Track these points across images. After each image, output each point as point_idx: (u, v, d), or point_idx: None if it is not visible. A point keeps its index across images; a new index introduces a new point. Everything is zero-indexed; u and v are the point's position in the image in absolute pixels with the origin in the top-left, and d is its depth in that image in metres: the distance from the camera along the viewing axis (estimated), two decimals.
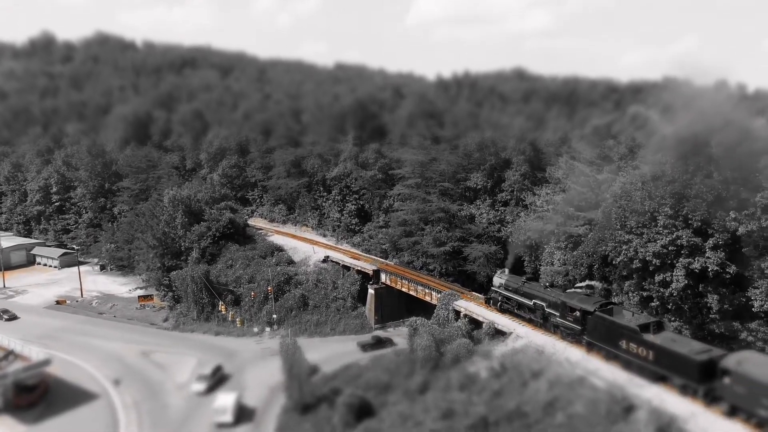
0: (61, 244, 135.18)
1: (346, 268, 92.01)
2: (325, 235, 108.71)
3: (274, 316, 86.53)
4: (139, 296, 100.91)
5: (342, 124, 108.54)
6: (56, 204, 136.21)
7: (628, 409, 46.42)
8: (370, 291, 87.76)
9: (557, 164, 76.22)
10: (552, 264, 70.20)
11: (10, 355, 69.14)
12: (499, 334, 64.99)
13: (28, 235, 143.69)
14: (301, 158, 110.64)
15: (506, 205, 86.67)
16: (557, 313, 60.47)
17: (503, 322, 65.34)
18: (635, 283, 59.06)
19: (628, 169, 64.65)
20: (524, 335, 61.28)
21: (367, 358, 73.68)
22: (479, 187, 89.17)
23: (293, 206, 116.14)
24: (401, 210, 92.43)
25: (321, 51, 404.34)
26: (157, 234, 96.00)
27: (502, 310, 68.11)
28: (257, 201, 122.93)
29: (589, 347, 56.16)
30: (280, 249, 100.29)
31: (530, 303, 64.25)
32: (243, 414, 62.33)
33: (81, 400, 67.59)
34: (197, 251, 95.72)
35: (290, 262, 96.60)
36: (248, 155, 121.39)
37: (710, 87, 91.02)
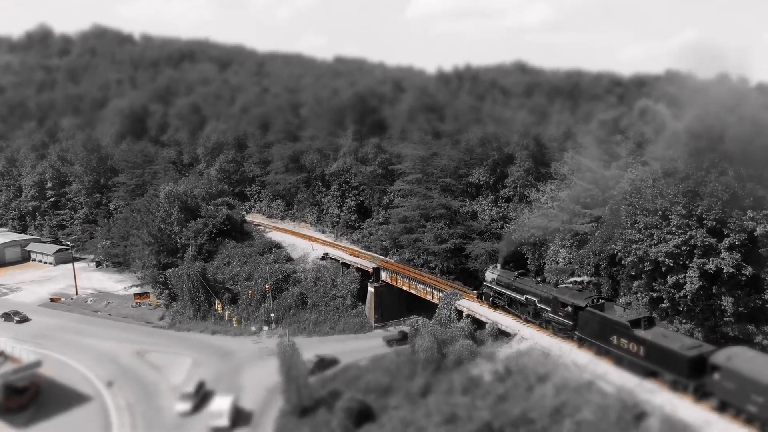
0: (57, 240, 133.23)
1: (346, 266, 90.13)
2: (324, 232, 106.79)
3: (272, 315, 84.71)
4: (135, 294, 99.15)
5: (341, 119, 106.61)
6: (51, 199, 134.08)
7: (640, 416, 44.60)
8: (370, 289, 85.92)
9: (562, 160, 74.15)
10: (557, 262, 68.30)
11: None
12: (502, 335, 63.17)
13: (24, 231, 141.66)
14: (299, 153, 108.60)
15: (509, 201, 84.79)
16: (549, 309, 60.16)
17: (507, 322, 63.48)
18: (644, 283, 57.08)
19: (637, 165, 62.61)
20: (529, 337, 59.37)
21: (368, 358, 71.89)
22: (481, 183, 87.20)
23: (292, 202, 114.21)
24: (402, 206, 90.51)
25: (320, 44, 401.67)
26: (153, 230, 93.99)
27: (494, 306, 67.75)
28: (255, 196, 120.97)
29: (581, 342, 55.98)
30: (278, 246, 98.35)
31: (522, 298, 63.90)
32: (239, 417, 60.69)
33: (73, 403, 65.86)
34: (194, 248, 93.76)
35: (288, 260, 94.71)
36: (246, 150, 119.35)
37: (713, 80, 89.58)
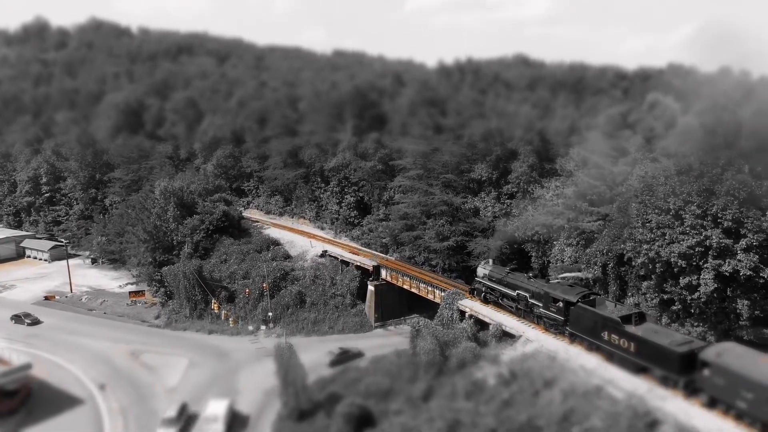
0: (52, 237, 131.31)
1: (345, 264, 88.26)
2: (323, 228, 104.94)
3: (270, 314, 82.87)
4: (131, 292, 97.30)
5: (340, 113, 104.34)
6: (46, 195, 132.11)
7: (652, 424, 42.73)
8: (370, 288, 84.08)
9: (568, 155, 72.05)
10: (562, 261, 66.36)
11: None
12: (506, 337, 61.31)
13: (19, 227, 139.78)
14: (298, 148, 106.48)
15: (512, 197, 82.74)
16: (540, 304, 60.00)
17: (512, 324, 61.59)
18: (654, 284, 55.08)
19: (646, 161, 60.51)
20: (534, 339, 57.47)
21: (367, 360, 70.06)
22: (484, 179, 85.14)
23: (290, 198, 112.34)
24: (402, 203, 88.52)
25: (319, 38, 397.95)
26: (148, 227, 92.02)
27: (486, 301, 67.43)
28: (253, 192, 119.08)
29: (572, 338, 55.95)
30: (276, 243, 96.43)
31: (514, 294, 63.59)
32: (236, 421, 58.83)
33: (65, 406, 64.00)
34: (190, 245, 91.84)
35: (287, 257, 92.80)
36: (243, 145, 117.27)
37: (716, 73, 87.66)
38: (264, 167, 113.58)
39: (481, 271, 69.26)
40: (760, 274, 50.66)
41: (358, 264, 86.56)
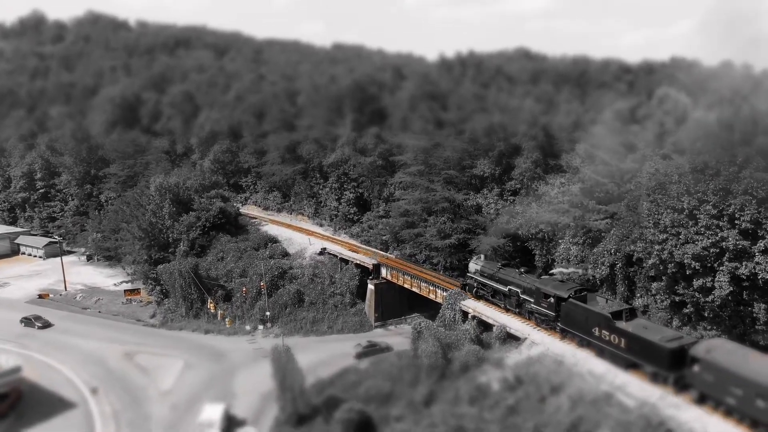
0: (47, 233, 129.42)
1: (344, 262, 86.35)
2: (321, 225, 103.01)
3: (268, 314, 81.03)
4: (126, 290, 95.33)
5: (339, 107, 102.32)
6: (41, 191, 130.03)
7: None
8: (370, 286, 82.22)
9: (574, 152, 70.00)
10: (568, 260, 64.44)
11: None
12: (511, 339, 59.43)
13: (14, 223, 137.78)
14: (296, 143, 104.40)
15: (516, 194, 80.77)
16: (531, 300, 59.51)
17: (516, 326, 59.67)
18: (665, 285, 53.08)
19: (656, 158, 58.45)
20: (540, 342, 55.57)
21: (367, 361, 68.24)
22: (486, 176, 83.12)
23: (288, 194, 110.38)
24: (403, 199, 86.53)
25: (318, 31, 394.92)
26: (143, 224, 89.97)
27: (477, 296, 66.78)
28: (251, 188, 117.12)
29: (563, 334, 55.59)
30: (274, 240, 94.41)
31: (505, 289, 62.99)
32: (232, 426, 57.05)
33: (56, 410, 62.22)
34: (186, 243, 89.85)
35: (285, 255, 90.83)
36: (241, 140, 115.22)
37: (718, 66, 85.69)
38: (262, 162, 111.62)
39: (473, 266, 68.69)
40: None
41: (358, 262, 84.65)
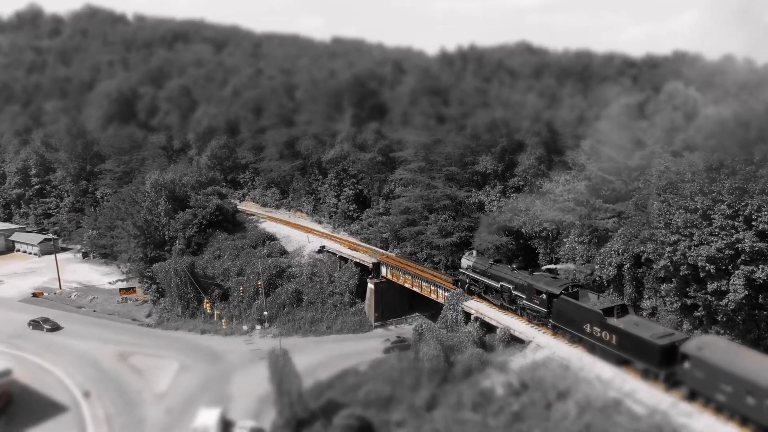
0: (42, 230, 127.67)
1: (344, 260, 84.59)
2: (320, 222, 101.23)
3: (265, 313, 79.40)
4: (121, 289, 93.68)
5: (338, 102, 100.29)
6: (36, 187, 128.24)
7: None
8: (370, 285, 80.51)
9: (579, 148, 68.11)
10: (573, 260, 62.70)
11: None
12: (515, 342, 57.76)
13: (9, 220, 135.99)
14: (294, 139, 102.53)
15: (519, 191, 78.93)
16: (524, 296, 59.32)
17: (521, 328, 57.97)
18: (676, 287, 51.28)
19: (665, 155, 56.57)
20: (546, 345, 53.88)
21: (367, 363, 66.55)
22: (489, 172, 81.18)
23: (287, 190, 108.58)
24: (403, 196, 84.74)
25: (317, 25, 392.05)
26: (138, 222, 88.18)
27: (470, 292, 66.48)
28: (249, 184, 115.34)
29: (555, 330, 55.61)
30: (272, 238, 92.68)
31: (497, 285, 62.60)
32: (228, 429, 55.42)
33: (48, 413, 60.62)
34: (182, 241, 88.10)
35: (283, 253, 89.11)
36: (239, 135, 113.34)
37: (719, 60, 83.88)
38: (260, 158, 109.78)
39: (465, 262, 68.04)
40: None
41: (358, 261, 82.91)
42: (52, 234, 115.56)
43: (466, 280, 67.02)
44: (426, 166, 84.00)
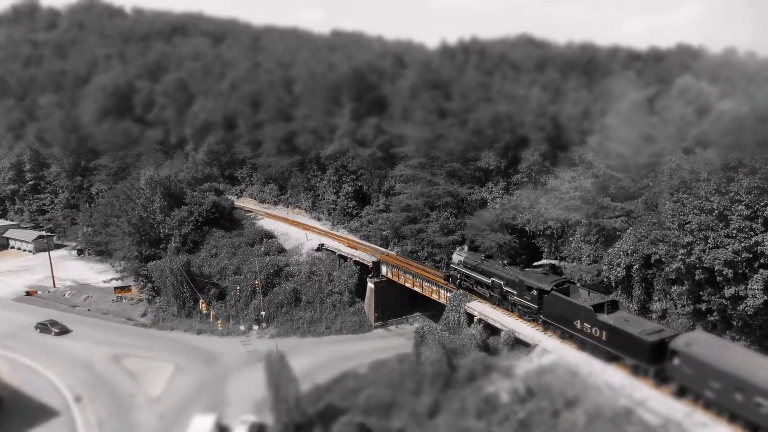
0: (37, 226, 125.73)
1: (343, 258, 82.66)
2: (319, 219, 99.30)
3: (263, 313, 77.58)
4: (116, 288, 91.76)
5: (337, 96, 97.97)
6: (30, 183, 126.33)
7: None
8: (370, 285, 78.62)
9: (586, 144, 66.00)
10: (579, 260, 60.74)
11: None
12: (519, 345, 55.86)
13: (3, 216, 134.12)
14: (292, 134, 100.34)
15: (522, 188, 76.76)
16: (515, 292, 59.15)
17: (526, 331, 56.02)
18: (688, 290, 49.29)
19: (677, 152, 54.48)
20: (552, 349, 51.95)
21: (367, 365, 64.68)
22: (492, 168, 79.17)
23: (285, 186, 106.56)
24: (404, 193, 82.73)
25: (317, 18, 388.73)
26: (133, 220, 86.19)
27: (461, 288, 65.96)
28: (246, 180, 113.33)
29: (545, 326, 55.56)
30: (269, 235, 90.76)
31: (488, 281, 62.33)
32: None
33: (38, 418, 58.59)
34: (178, 239, 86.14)
35: (281, 251, 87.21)
36: (236, 130, 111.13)
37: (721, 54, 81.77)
38: (257, 154, 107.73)
39: (456, 257, 67.61)
40: None
41: (357, 259, 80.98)
42: (45, 231, 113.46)
43: (458, 276, 66.68)
44: (427, 162, 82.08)
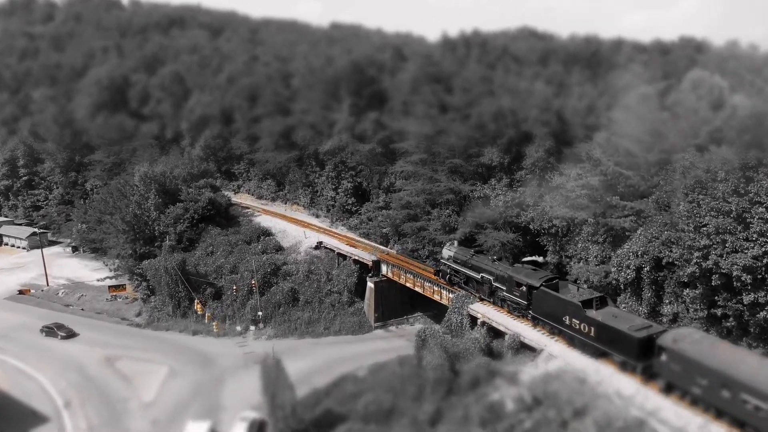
0: (32, 223, 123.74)
1: (342, 257, 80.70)
2: (318, 216, 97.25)
3: (260, 314, 75.65)
4: (110, 287, 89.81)
5: (336, 90, 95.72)
6: (24, 178, 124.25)
7: None
8: (369, 284, 76.62)
9: (592, 140, 63.86)
10: (586, 260, 58.75)
11: None
12: (525, 349, 53.97)
13: None
14: (290, 128, 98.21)
15: (526, 185, 74.70)
16: (504, 288, 58.91)
17: (531, 335, 54.10)
18: (701, 294, 47.32)
19: (689, 149, 52.43)
20: (559, 354, 50.06)
21: (366, 367, 62.78)
22: (494, 165, 77.03)
23: (283, 182, 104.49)
24: (404, 190, 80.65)
25: (316, 10, 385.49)
26: (127, 217, 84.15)
27: (451, 283, 65.80)
28: (243, 175, 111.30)
29: (535, 322, 55.55)
30: (267, 233, 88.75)
31: (478, 276, 62.00)
32: None
33: (27, 424, 56.79)
34: (173, 237, 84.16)
35: (278, 249, 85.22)
36: (233, 125, 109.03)
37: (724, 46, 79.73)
38: (255, 149, 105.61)
39: (446, 252, 67.32)
40: None
41: (357, 258, 78.99)
42: (40, 228, 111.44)
43: (447, 271, 66.26)
44: (428, 158, 79.94)
